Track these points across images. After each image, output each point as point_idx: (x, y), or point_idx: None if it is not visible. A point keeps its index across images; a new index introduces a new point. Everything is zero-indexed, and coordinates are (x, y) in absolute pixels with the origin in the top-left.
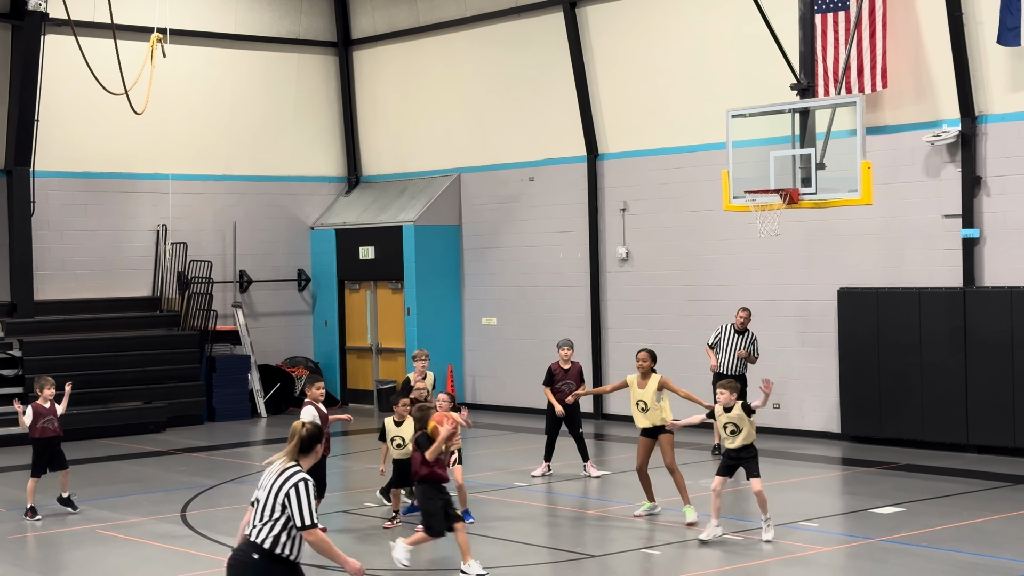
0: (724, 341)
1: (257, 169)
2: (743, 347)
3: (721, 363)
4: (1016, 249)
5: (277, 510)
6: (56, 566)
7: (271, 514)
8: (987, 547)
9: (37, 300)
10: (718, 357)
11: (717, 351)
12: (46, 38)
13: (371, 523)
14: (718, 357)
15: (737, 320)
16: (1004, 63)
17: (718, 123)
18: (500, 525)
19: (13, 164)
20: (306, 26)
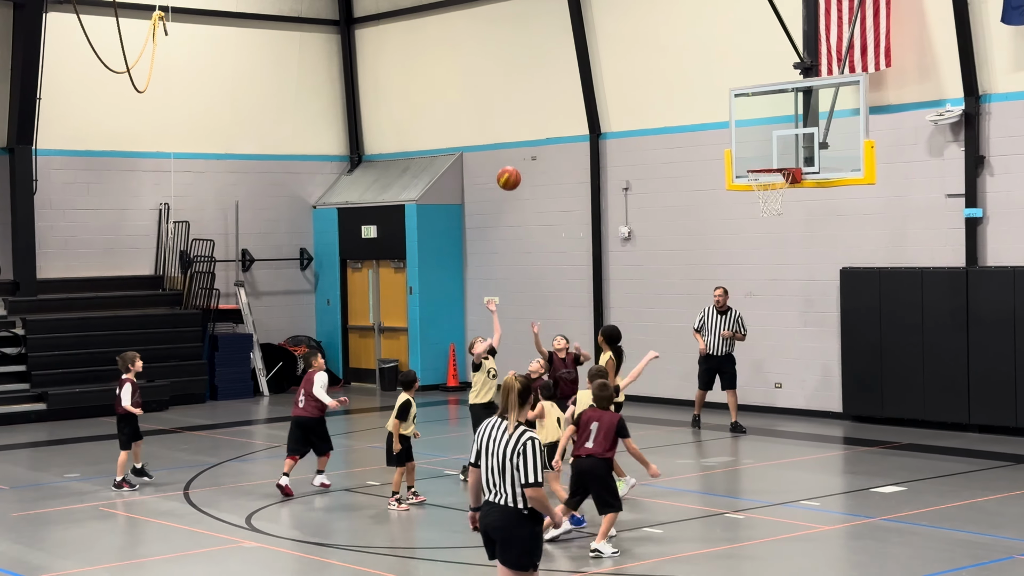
0: (708, 323)
1: (259, 148)
2: (727, 327)
3: (708, 345)
4: (1019, 229)
5: (511, 466)
6: (58, 543)
7: (513, 474)
8: (988, 526)
9: (40, 279)
10: (705, 339)
11: (703, 333)
12: (48, 16)
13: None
14: (705, 339)
15: (715, 299)
16: (1008, 42)
17: (721, 102)
18: None
19: (15, 142)
20: (308, 4)
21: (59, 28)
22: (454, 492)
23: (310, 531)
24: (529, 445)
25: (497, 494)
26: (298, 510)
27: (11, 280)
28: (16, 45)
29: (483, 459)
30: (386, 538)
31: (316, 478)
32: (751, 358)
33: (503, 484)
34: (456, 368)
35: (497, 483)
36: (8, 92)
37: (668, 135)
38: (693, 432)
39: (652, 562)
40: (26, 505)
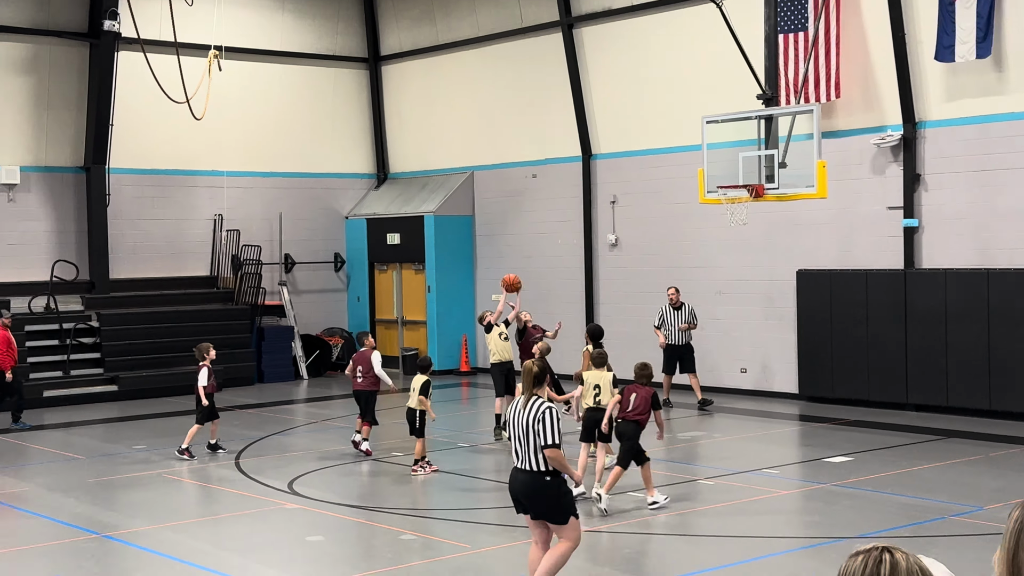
0: (667, 319)
1: (299, 167)
2: (683, 320)
3: (669, 337)
4: (949, 237)
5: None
6: (127, 505)
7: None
8: (923, 491)
9: (112, 279)
10: (664, 334)
11: (663, 328)
12: (119, 54)
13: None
14: (664, 334)
15: (670, 298)
16: (940, 76)
17: (694, 128)
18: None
19: (91, 162)
20: (341, 44)
21: (129, 64)
22: (467, 461)
23: (343, 494)
24: (547, 413)
25: (522, 461)
26: (332, 476)
27: (88, 280)
28: (92, 79)
29: (510, 432)
30: (409, 500)
31: (361, 441)
32: (720, 346)
33: (527, 451)
34: (468, 355)
35: (521, 451)
36: (85, 119)
37: (649, 156)
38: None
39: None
40: (100, 472)
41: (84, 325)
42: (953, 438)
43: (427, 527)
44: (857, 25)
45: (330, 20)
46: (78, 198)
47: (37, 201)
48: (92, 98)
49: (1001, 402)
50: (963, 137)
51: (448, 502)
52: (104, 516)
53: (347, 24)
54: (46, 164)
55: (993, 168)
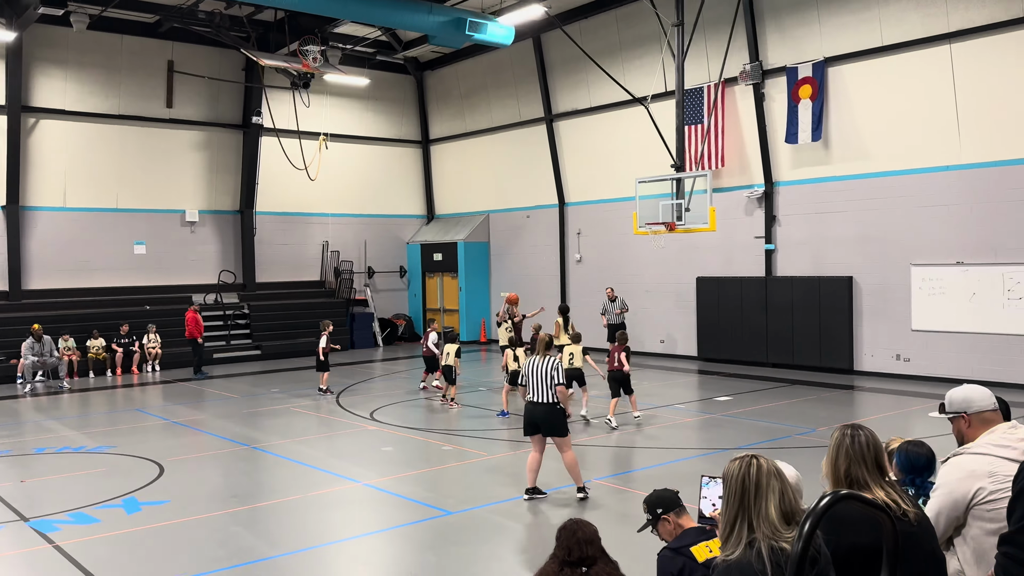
0: (608, 307)
1: (378, 210)
2: (617, 306)
3: (608, 320)
4: (793, 256)
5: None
6: (266, 428)
7: (548, 382)
8: (777, 419)
9: (257, 282)
10: (607, 318)
11: (606, 314)
12: (262, 138)
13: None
14: (607, 318)
15: (608, 294)
16: (788, 152)
17: (631, 185)
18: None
19: (244, 207)
20: (405, 131)
21: (268, 144)
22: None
23: (405, 420)
24: (558, 365)
25: (539, 396)
26: (398, 408)
27: (242, 283)
28: (244, 152)
29: (530, 380)
30: (446, 425)
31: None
32: (646, 326)
33: (544, 390)
34: (485, 332)
35: (539, 390)
36: (240, 179)
37: (602, 203)
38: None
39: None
40: (249, 406)
41: (239, 312)
42: (796, 385)
43: (459, 442)
44: (735, 119)
45: (398, 116)
46: (235, 230)
47: (209, 232)
48: (244, 166)
49: (828, 361)
50: (802, 192)
51: (472, 425)
52: (252, 434)
53: (409, 119)
54: (215, 208)
55: (822, 212)
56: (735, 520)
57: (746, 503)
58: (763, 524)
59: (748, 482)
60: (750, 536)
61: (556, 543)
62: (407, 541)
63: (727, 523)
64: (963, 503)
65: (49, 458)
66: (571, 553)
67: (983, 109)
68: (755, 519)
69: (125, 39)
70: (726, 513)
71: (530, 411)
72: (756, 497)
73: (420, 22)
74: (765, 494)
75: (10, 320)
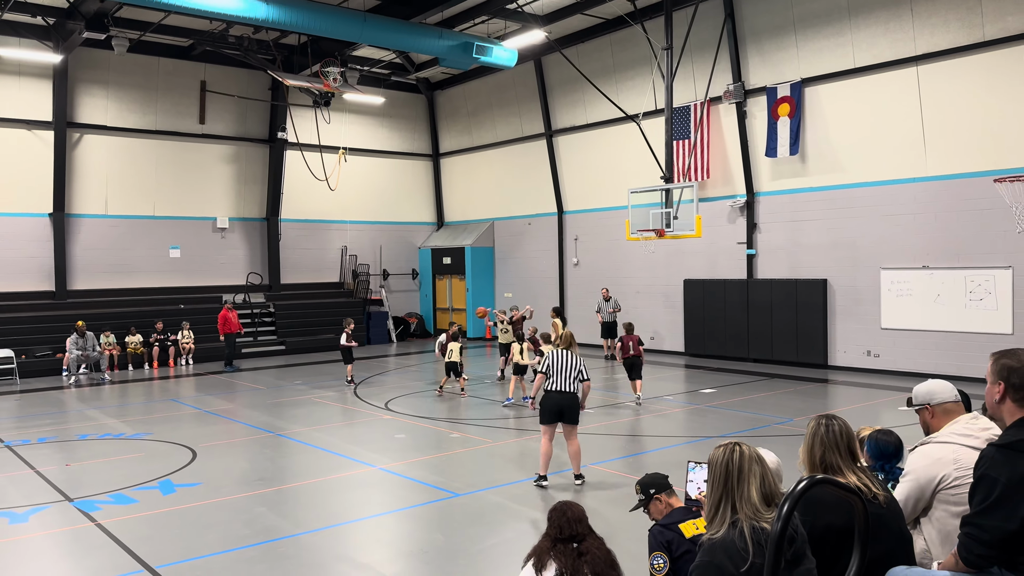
0: (602, 306)
1: (392, 218)
2: (611, 306)
3: (603, 317)
4: (773, 260)
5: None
6: (290, 416)
7: (574, 375)
8: (757, 409)
9: (282, 283)
10: (601, 315)
11: (601, 312)
12: (286, 152)
13: (449, 396)
14: (601, 315)
15: (603, 294)
16: (768, 165)
17: (623, 195)
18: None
19: (270, 215)
20: (417, 145)
21: (292, 157)
22: (487, 390)
23: (417, 410)
24: (584, 362)
25: (567, 386)
26: (410, 399)
27: (268, 284)
28: (270, 165)
29: (555, 371)
30: (455, 414)
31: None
32: (637, 324)
33: (570, 381)
34: (490, 330)
35: (565, 381)
36: (266, 190)
37: (597, 212)
38: (609, 363)
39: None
40: (274, 397)
41: (265, 310)
42: (775, 378)
43: (466, 430)
44: (719, 135)
45: (410, 131)
46: (262, 236)
47: (238, 237)
48: (270, 177)
49: (805, 356)
50: (781, 201)
51: (478, 414)
52: (276, 422)
53: (420, 134)
54: (244, 216)
55: (798, 220)
56: (719, 502)
57: (730, 486)
58: (745, 506)
59: (732, 467)
60: (733, 516)
61: (548, 523)
62: (418, 521)
63: (712, 505)
64: (930, 488)
65: (92, 444)
66: (562, 531)
67: (947, 126)
68: (738, 501)
69: (162, 61)
70: (711, 495)
71: (556, 400)
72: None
73: (431, 46)
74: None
75: (56, 318)
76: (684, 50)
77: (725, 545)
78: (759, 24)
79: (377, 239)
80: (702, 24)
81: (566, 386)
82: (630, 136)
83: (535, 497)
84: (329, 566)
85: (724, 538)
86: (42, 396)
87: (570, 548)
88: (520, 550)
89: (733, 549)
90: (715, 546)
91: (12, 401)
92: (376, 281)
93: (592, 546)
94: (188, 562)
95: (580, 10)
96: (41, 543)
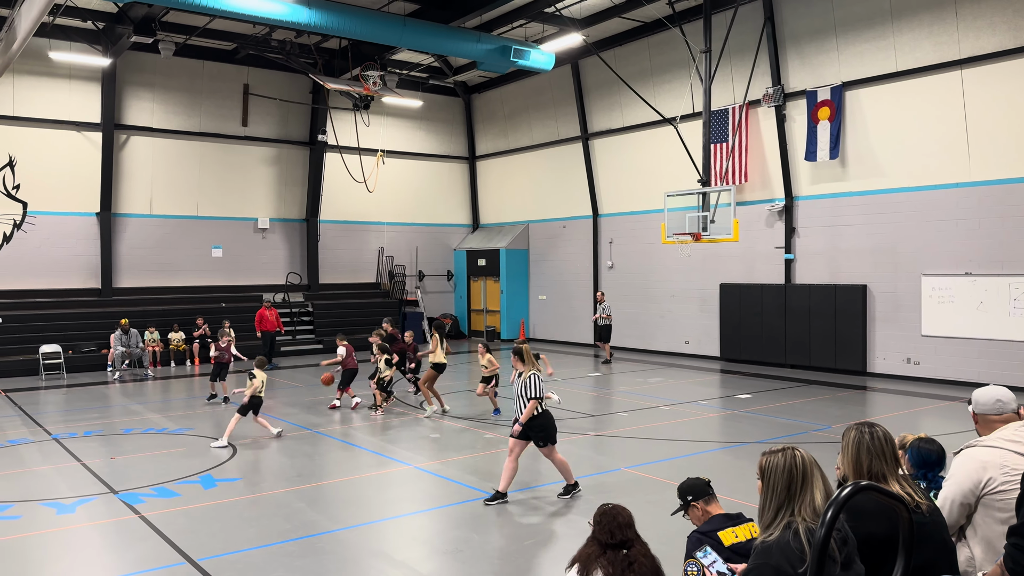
0: (597, 310)
1: (428, 219)
2: (605, 311)
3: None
4: (811, 265)
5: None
6: (324, 414)
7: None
8: (794, 415)
9: (320, 283)
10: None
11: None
12: (326, 154)
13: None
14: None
15: (598, 298)
16: (807, 169)
17: (660, 198)
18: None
19: (310, 216)
20: (454, 148)
21: (331, 159)
22: None
23: (450, 409)
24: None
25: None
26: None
27: (307, 283)
28: (311, 167)
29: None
30: (484, 414)
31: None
32: (672, 329)
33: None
34: (524, 331)
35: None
36: (306, 191)
37: (632, 215)
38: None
39: (630, 428)
40: (311, 395)
41: (304, 310)
42: (812, 385)
43: (499, 431)
44: (757, 137)
45: (447, 134)
46: (301, 236)
47: (278, 238)
48: (310, 179)
49: (843, 363)
50: (820, 206)
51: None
52: (314, 419)
53: (457, 137)
54: (284, 216)
55: (838, 225)
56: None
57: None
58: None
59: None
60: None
61: (596, 526)
62: (453, 520)
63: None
64: (974, 491)
65: (135, 438)
66: (613, 536)
67: (992, 130)
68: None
69: (206, 64)
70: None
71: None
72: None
73: (469, 50)
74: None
75: (102, 315)
76: (723, 53)
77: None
78: (799, 27)
79: (413, 240)
80: (741, 27)
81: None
82: (666, 139)
83: (569, 498)
84: (365, 562)
85: (779, 539)
86: (88, 391)
87: (620, 555)
88: (555, 551)
89: (789, 549)
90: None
91: (60, 395)
92: (412, 282)
93: (639, 554)
94: (229, 555)
95: (618, 13)
96: (87, 533)
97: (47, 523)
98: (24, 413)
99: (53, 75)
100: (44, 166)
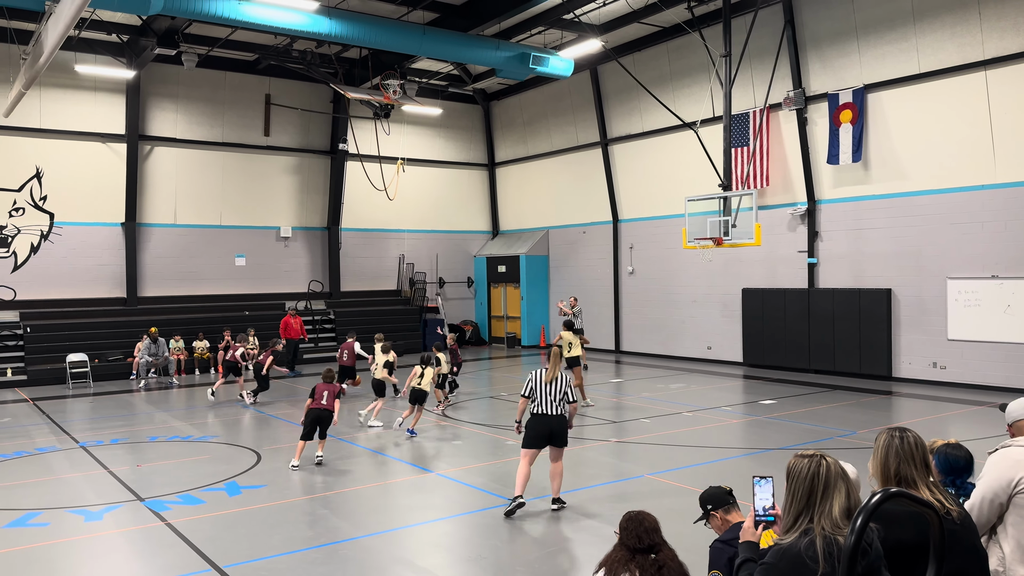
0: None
1: (448, 227)
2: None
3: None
4: (835, 269)
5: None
6: (345, 420)
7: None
8: (818, 421)
9: (342, 291)
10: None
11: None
12: (347, 162)
13: (495, 404)
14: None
15: (571, 302)
16: (830, 172)
17: (680, 203)
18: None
19: (331, 224)
20: (473, 155)
21: (352, 168)
22: None
23: (472, 416)
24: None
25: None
26: (467, 406)
27: (328, 291)
28: (332, 176)
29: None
30: (506, 421)
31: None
32: (694, 334)
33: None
34: (545, 337)
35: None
36: (327, 200)
37: (653, 220)
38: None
39: (653, 434)
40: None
41: (326, 317)
42: (837, 390)
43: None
44: (779, 141)
45: (466, 142)
46: (323, 244)
47: (301, 246)
48: (332, 187)
49: (868, 368)
50: (843, 209)
51: None
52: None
53: (476, 144)
54: (306, 225)
55: (862, 228)
56: (799, 515)
57: (813, 500)
58: (825, 520)
59: (817, 481)
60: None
61: (623, 532)
62: (475, 526)
63: (792, 517)
64: (1006, 490)
65: (161, 446)
66: (641, 541)
67: (1018, 131)
68: (818, 516)
69: (228, 75)
70: (791, 507)
71: (546, 422)
72: (824, 496)
73: (489, 57)
74: (832, 493)
75: (127, 323)
76: (743, 57)
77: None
78: (820, 30)
79: (433, 247)
80: (761, 30)
81: (551, 408)
82: (686, 144)
83: (591, 505)
84: (389, 569)
85: (792, 546)
86: (114, 399)
87: (649, 560)
88: (579, 558)
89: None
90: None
91: (86, 403)
92: (432, 289)
93: (667, 558)
94: (254, 562)
95: (637, 19)
96: (115, 540)
97: (75, 530)
98: (52, 421)
99: (79, 87)
100: (70, 177)
